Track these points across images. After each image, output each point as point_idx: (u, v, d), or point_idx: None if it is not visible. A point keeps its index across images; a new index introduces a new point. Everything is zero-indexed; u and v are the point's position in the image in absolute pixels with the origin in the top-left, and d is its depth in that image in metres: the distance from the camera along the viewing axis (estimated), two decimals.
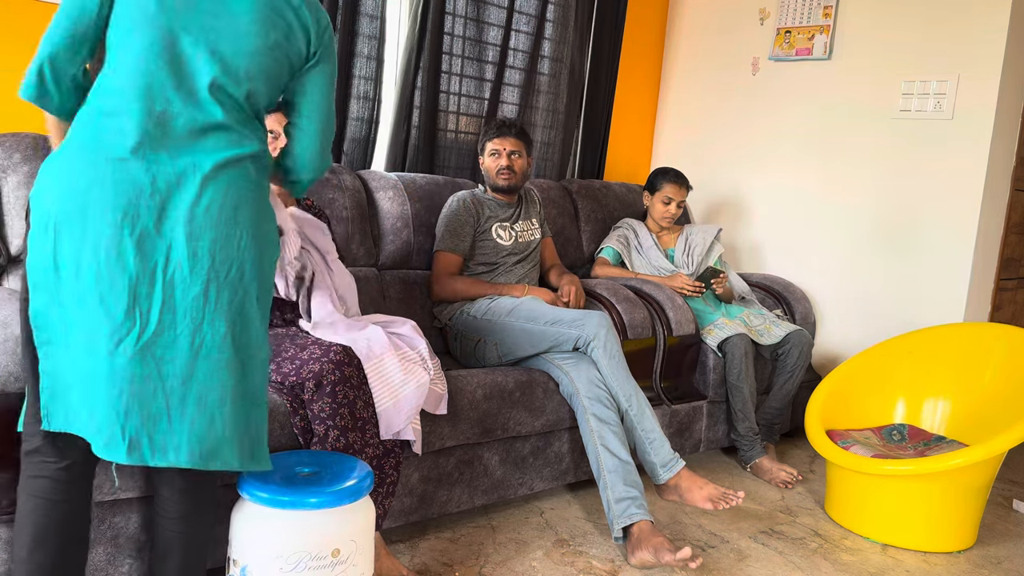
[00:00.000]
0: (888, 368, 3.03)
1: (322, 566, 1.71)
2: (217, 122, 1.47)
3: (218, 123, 1.48)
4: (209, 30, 1.47)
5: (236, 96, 1.50)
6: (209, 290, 1.43)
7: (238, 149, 1.49)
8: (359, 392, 2.05)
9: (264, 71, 1.53)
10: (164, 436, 1.43)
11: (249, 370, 1.50)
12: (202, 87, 1.46)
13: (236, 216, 1.46)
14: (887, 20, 3.41)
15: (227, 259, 1.45)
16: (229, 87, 1.49)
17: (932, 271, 3.29)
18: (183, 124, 1.45)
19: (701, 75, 4.09)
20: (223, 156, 1.46)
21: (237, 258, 1.46)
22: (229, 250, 1.45)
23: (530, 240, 3.02)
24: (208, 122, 1.47)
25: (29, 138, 2.24)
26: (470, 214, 2.88)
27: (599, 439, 2.43)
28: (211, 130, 1.47)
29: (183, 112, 1.45)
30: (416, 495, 2.32)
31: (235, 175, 1.47)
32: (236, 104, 1.51)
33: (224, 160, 1.47)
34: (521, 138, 2.96)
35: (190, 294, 1.42)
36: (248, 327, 1.49)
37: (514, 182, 2.94)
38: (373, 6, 3.06)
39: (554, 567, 2.29)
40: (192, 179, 1.43)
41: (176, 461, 1.44)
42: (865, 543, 2.61)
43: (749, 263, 3.91)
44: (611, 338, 2.55)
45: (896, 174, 3.39)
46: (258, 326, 1.51)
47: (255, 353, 1.51)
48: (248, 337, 1.49)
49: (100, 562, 1.83)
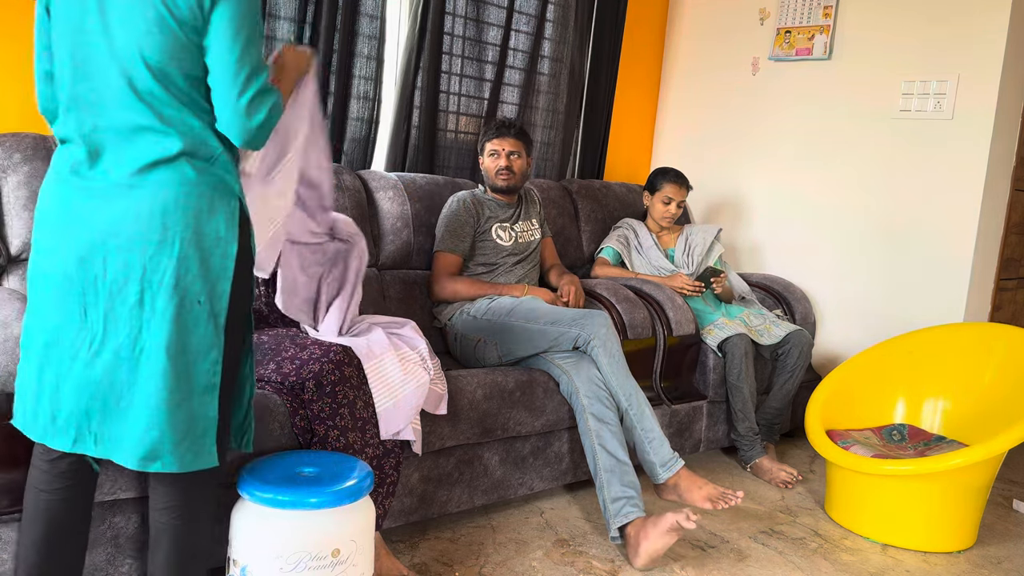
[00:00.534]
0: (888, 368, 3.03)
1: (322, 566, 1.71)
2: (139, 125, 1.45)
3: (140, 126, 1.45)
4: (102, 34, 1.46)
5: (152, 91, 1.45)
6: (144, 298, 1.45)
7: (163, 151, 1.45)
8: (359, 392, 2.05)
9: (163, 49, 1.44)
10: (110, 439, 1.49)
11: (196, 373, 1.48)
12: (117, 91, 1.45)
13: (165, 221, 1.44)
14: (887, 20, 3.41)
15: (158, 266, 1.44)
16: (139, 83, 1.45)
17: (932, 271, 3.29)
18: (110, 135, 1.46)
19: (701, 75, 4.09)
20: (148, 160, 1.45)
21: (171, 264, 1.44)
22: (161, 257, 1.44)
23: (530, 240, 3.02)
24: (131, 126, 1.45)
25: (29, 138, 2.24)
26: (470, 214, 2.88)
27: (597, 438, 2.44)
28: (135, 134, 1.46)
29: (106, 122, 1.46)
30: (416, 495, 2.32)
31: (164, 178, 1.45)
32: (156, 99, 1.46)
33: (149, 164, 1.45)
34: (520, 138, 2.95)
35: (128, 303, 1.45)
36: (192, 331, 1.47)
37: (513, 183, 2.94)
38: (373, 6, 3.06)
39: (554, 567, 2.29)
40: (119, 189, 1.45)
41: (122, 462, 1.50)
42: (865, 543, 2.62)
43: (749, 263, 3.91)
44: (611, 337, 2.55)
45: (896, 174, 3.39)
46: (204, 330, 1.48)
47: (203, 355, 1.49)
48: (191, 342, 1.47)
49: (100, 562, 1.83)
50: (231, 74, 1.46)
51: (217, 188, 1.49)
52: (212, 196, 1.48)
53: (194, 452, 1.50)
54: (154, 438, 1.47)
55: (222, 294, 1.50)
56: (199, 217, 1.46)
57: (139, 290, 1.45)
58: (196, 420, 1.50)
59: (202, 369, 1.49)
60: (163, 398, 1.46)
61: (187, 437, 1.49)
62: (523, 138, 2.97)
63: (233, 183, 1.53)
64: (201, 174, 1.48)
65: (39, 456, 1.59)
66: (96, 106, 1.47)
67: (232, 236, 1.50)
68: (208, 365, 1.50)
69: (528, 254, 3.01)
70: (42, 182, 1.55)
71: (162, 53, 1.44)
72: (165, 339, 1.45)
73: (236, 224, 1.51)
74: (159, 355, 1.45)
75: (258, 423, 1.95)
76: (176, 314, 1.45)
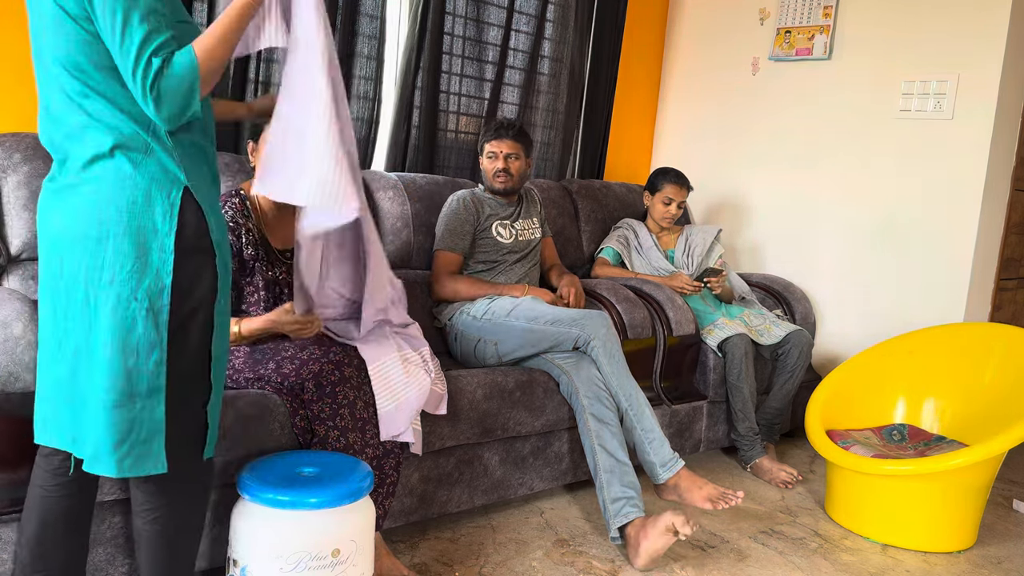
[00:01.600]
0: (888, 368, 3.03)
1: (322, 566, 1.71)
2: (79, 124, 1.45)
3: (80, 125, 1.45)
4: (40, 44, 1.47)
5: (76, 89, 1.44)
6: (89, 296, 1.45)
7: (98, 147, 1.44)
8: (359, 392, 2.05)
9: (69, 47, 1.43)
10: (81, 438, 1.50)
11: (137, 375, 1.45)
12: (56, 96, 1.46)
13: (100, 216, 1.43)
14: (887, 20, 3.41)
15: (97, 263, 1.43)
16: (66, 85, 1.44)
17: (932, 271, 3.29)
18: (67, 140, 1.47)
19: (701, 75, 4.09)
20: (87, 157, 1.45)
21: (107, 260, 1.43)
22: (99, 253, 1.43)
23: (530, 239, 3.02)
24: (74, 127, 1.45)
25: (29, 138, 2.24)
26: (470, 213, 2.88)
27: (597, 439, 2.44)
28: (80, 133, 1.45)
29: (60, 128, 1.47)
30: (416, 495, 2.32)
31: (100, 174, 1.44)
32: (82, 96, 1.44)
33: (87, 161, 1.45)
34: (519, 140, 2.93)
35: (78, 301, 1.46)
36: (130, 330, 1.44)
37: (510, 185, 2.93)
38: (373, 6, 3.06)
39: (554, 567, 2.29)
40: (68, 188, 1.46)
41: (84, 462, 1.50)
42: (865, 543, 2.62)
43: (749, 263, 3.91)
44: (611, 337, 2.55)
45: (896, 174, 3.39)
46: (142, 328, 1.44)
47: (144, 356, 1.45)
48: (129, 340, 1.44)
49: (100, 562, 1.83)
50: (120, 54, 1.40)
51: (155, 179, 1.45)
52: (149, 188, 1.44)
53: (136, 456, 1.46)
54: (95, 438, 1.46)
55: (162, 290, 1.45)
56: (133, 211, 1.43)
57: (84, 288, 1.45)
58: (139, 423, 1.46)
59: (144, 370, 1.45)
60: (100, 398, 1.44)
61: (126, 440, 1.45)
62: (522, 140, 2.95)
63: (176, 171, 1.47)
64: (137, 166, 1.44)
65: (40, 453, 1.61)
66: (50, 112, 1.48)
67: (169, 228, 1.45)
68: (151, 366, 1.45)
69: (528, 252, 3.00)
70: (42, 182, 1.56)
71: (68, 51, 1.43)
72: (105, 337, 1.44)
73: (175, 216, 1.46)
74: (101, 354, 1.44)
75: (258, 423, 1.96)
76: (113, 311, 1.43)
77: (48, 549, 1.59)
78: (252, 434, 1.94)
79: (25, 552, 1.60)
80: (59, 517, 1.60)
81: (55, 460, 1.59)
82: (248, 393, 2.00)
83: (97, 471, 1.47)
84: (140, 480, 1.53)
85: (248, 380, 2.08)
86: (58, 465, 1.59)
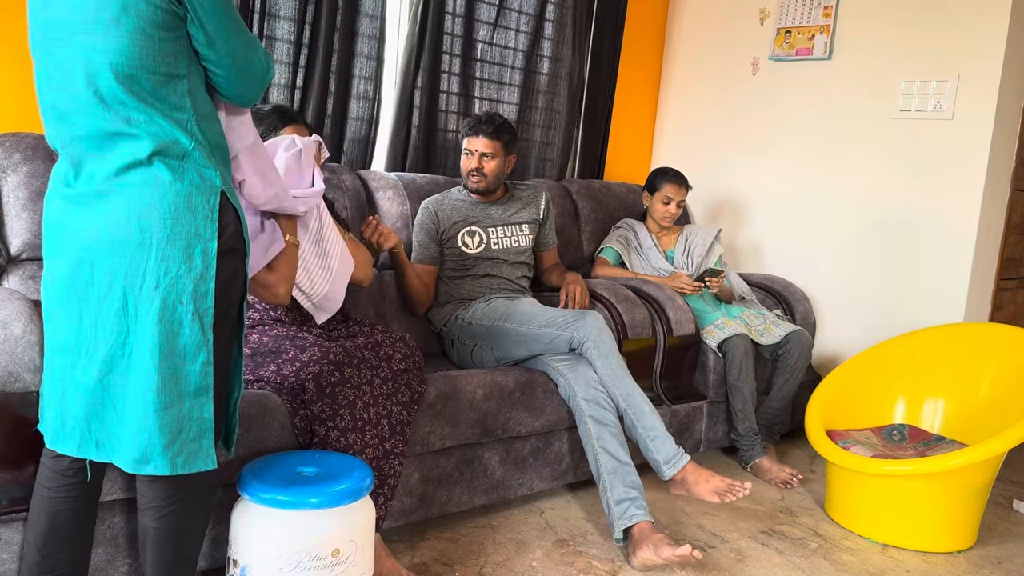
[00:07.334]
0: (888, 368, 3.03)
1: (322, 566, 1.71)
2: (108, 131, 1.44)
3: (109, 132, 1.44)
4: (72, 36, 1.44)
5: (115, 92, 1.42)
6: (128, 302, 1.45)
7: (134, 154, 1.44)
8: (359, 393, 2.05)
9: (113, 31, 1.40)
10: (109, 443, 1.50)
11: (186, 375, 1.48)
12: (84, 99, 1.44)
13: (141, 223, 1.43)
14: (887, 20, 3.41)
15: (138, 269, 1.44)
16: (102, 86, 1.42)
17: (932, 271, 3.29)
18: (85, 144, 1.46)
19: (701, 75, 4.09)
20: (120, 165, 1.44)
21: (150, 266, 1.44)
22: (140, 260, 1.44)
23: (511, 247, 2.92)
24: (101, 133, 1.44)
25: (29, 138, 2.24)
26: (432, 222, 2.85)
27: (597, 441, 2.43)
28: (107, 140, 1.45)
29: (79, 132, 1.46)
30: (416, 495, 2.32)
31: (138, 180, 1.44)
32: (117, 100, 1.42)
33: (122, 168, 1.44)
34: (495, 138, 2.79)
35: (113, 308, 1.46)
36: (178, 333, 1.46)
37: (483, 186, 2.85)
38: (373, 6, 3.06)
39: (554, 567, 2.29)
40: (97, 196, 1.45)
41: (121, 464, 1.50)
42: (865, 543, 2.61)
43: (749, 263, 3.91)
44: (604, 337, 2.53)
45: (896, 174, 3.39)
46: (190, 331, 1.46)
47: (192, 357, 1.47)
48: (177, 344, 1.46)
49: (100, 562, 1.83)
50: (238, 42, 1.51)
51: (195, 185, 1.47)
52: (190, 194, 1.46)
53: (187, 454, 1.49)
54: (144, 441, 1.47)
55: (206, 293, 1.48)
56: (176, 217, 1.45)
57: (122, 294, 1.45)
58: (189, 422, 1.49)
59: (192, 371, 1.48)
60: (150, 400, 1.45)
61: (178, 439, 1.48)
62: (499, 137, 2.80)
63: (213, 176, 1.49)
64: (176, 173, 1.45)
65: (46, 454, 1.61)
66: (68, 115, 1.47)
67: (212, 233, 1.47)
68: (198, 367, 1.49)
69: (506, 260, 2.90)
70: (42, 182, 1.56)
71: (132, 55, 1.41)
72: (150, 342, 1.45)
73: (215, 220, 1.48)
74: (145, 358, 1.45)
75: (258, 423, 1.96)
76: (159, 316, 1.45)
77: (56, 549, 1.61)
78: (252, 434, 1.94)
79: (33, 552, 1.60)
80: (67, 518, 1.60)
81: (64, 462, 1.59)
82: (248, 393, 2.00)
83: (147, 471, 1.49)
84: (150, 478, 1.54)
85: (248, 381, 2.09)
86: (67, 467, 1.59)
